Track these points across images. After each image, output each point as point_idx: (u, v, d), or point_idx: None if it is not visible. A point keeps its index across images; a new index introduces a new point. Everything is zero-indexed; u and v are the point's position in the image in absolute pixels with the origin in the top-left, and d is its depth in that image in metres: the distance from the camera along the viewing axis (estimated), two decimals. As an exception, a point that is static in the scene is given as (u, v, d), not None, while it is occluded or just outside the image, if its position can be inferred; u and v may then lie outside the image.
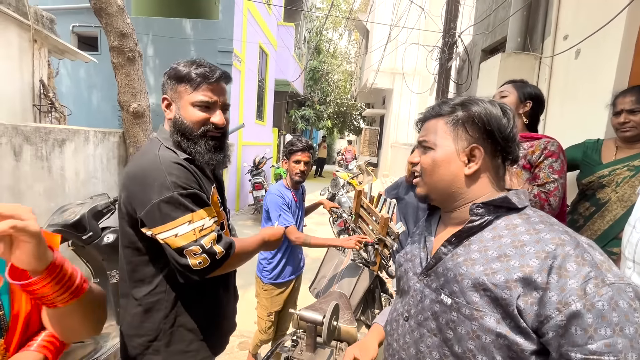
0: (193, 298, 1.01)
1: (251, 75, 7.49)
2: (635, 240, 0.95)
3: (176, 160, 0.92)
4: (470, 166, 0.68)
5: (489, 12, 2.97)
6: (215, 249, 0.89)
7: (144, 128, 3.36)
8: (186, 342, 1.01)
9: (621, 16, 1.62)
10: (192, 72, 0.95)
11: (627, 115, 1.43)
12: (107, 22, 3.04)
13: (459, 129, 0.68)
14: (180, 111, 0.97)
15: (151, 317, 0.98)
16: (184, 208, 0.87)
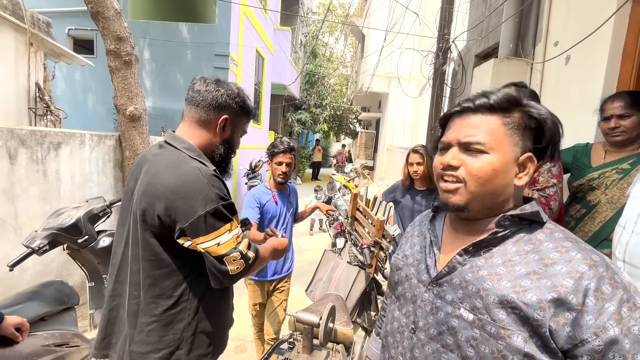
0: (211, 302, 1.05)
1: (247, 79, 7.51)
2: (625, 241, 0.98)
3: (214, 173, 0.98)
4: (521, 177, 0.61)
5: (482, 18, 3.02)
6: (249, 255, 0.98)
7: (140, 131, 3.36)
8: (205, 346, 1.04)
9: (609, 24, 1.67)
10: (252, 109, 1.14)
11: (617, 121, 1.46)
12: (104, 26, 3.05)
13: (519, 132, 0.61)
14: (234, 135, 1.11)
15: (172, 328, 0.98)
16: (226, 218, 0.95)
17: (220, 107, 1.03)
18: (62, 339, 1.65)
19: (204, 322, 1.03)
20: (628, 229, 0.97)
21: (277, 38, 10.01)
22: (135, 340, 0.98)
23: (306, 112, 13.65)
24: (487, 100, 0.61)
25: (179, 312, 0.98)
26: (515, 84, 1.49)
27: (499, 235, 0.62)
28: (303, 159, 13.65)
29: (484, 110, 0.62)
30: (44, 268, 2.68)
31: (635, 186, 1.03)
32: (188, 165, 0.95)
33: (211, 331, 1.04)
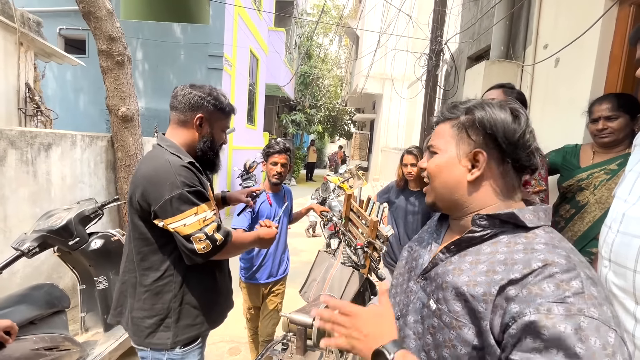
0: (195, 279, 1.19)
1: (242, 79, 7.49)
2: (610, 240, 1.00)
3: (182, 163, 1.11)
4: (473, 172, 0.65)
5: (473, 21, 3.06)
6: (216, 237, 1.09)
7: (132, 132, 3.33)
8: (192, 317, 1.18)
9: (596, 27, 1.70)
10: (227, 105, 1.25)
11: (605, 122, 1.49)
12: (96, 25, 3.02)
13: (462, 133, 0.66)
14: (213, 131, 1.24)
15: (161, 298, 1.15)
16: (191, 203, 1.07)
17: (194, 107, 1.18)
18: (52, 343, 1.63)
19: (189, 296, 1.18)
20: (614, 228, 0.99)
21: (272, 39, 10.01)
22: (134, 308, 1.17)
23: (301, 113, 13.65)
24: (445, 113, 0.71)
25: (165, 284, 1.15)
26: (503, 85, 1.51)
27: (476, 235, 0.63)
28: (298, 159, 13.64)
29: (443, 119, 0.71)
30: (34, 271, 2.64)
31: (620, 186, 1.05)
32: (162, 158, 1.12)
33: (197, 304, 1.19)
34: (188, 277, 1.17)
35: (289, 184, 11.92)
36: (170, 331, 1.15)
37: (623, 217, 0.97)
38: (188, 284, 1.18)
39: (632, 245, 0.92)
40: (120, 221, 3.48)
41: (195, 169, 1.15)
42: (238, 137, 7.35)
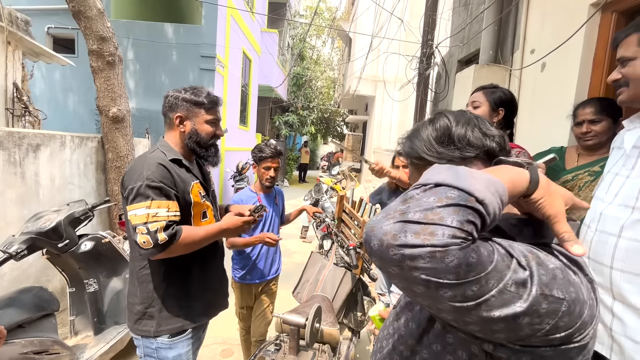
0: (176, 273, 1.24)
1: (234, 80, 7.47)
2: (589, 238, 1.03)
3: (159, 160, 1.17)
4: None
5: (463, 25, 3.12)
6: (159, 236, 1.10)
7: (123, 133, 3.30)
8: (175, 309, 1.24)
9: (580, 33, 1.76)
10: (204, 99, 1.27)
11: (588, 126, 1.53)
12: (86, 25, 2.99)
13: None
14: (196, 126, 1.28)
15: (146, 287, 1.22)
16: (146, 196, 1.11)
17: (171, 108, 1.27)
18: (42, 347, 1.61)
19: (172, 287, 1.24)
20: (592, 227, 1.03)
21: (264, 40, 10.00)
22: (130, 293, 1.28)
23: (293, 114, 13.65)
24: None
25: (148, 274, 1.23)
26: (484, 87, 1.55)
27: None
28: (290, 161, 13.63)
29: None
30: (22, 274, 2.60)
31: (599, 187, 1.09)
32: (144, 155, 1.22)
33: (179, 297, 1.25)
34: (170, 269, 1.22)
35: (281, 185, 11.90)
36: (154, 320, 1.22)
37: (600, 216, 1.01)
38: (170, 276, 1.23)
39: (609, 243, 0.96)
40: (110, 223, 3.44)
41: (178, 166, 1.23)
42: (230, 138, 7.32)
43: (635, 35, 0.93)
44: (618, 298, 0.94)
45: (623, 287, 0.92)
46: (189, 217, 1.26)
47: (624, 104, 1.02)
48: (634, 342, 0.89)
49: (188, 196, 1.24)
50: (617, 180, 1.02)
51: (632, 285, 0.91)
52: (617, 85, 1.00)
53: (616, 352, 0.94)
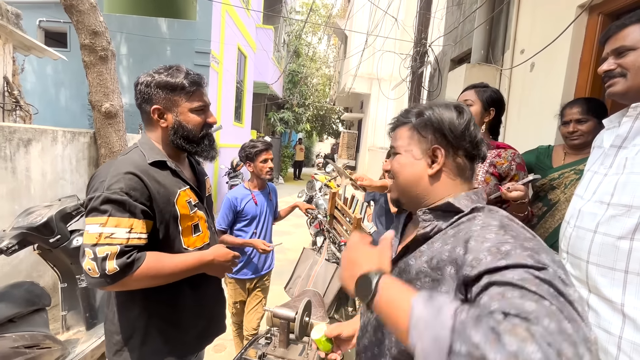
0: (162, 298, 1.03)
1: (229, 77, 7.44)
2: (568, 234, 1.07)
3: (128, 168, 0.95)
4: (433, 167, 0.71)
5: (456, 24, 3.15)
6: (107, 264, 0.87)
7: (116, 129, 3.28)
8: (159, 342, 1.03)
9: (568, 34, 1.79)
10: (184, 81, 1.02)
11: (575, 125, 1.57)
12: (78, 19, 2.96)
13: (418, 133, 0.72)
14: (179, 118, 1.04)
15: (125, 315, 1.02)
16: (102, 211, 0.89)
17: (145, 100, 1.03)
18: (33, 341, 1.61)
19: (156, 318, 1.03)
20: (571, 223, 1.07)
21: (260, 36, 9.96)
22: (107, 319, 1.07)
23: (289, 111, 13.63)
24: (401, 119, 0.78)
25: (127, 299, 1.02)
26: (475, 86, 1.58)
27: (427, 230, 0.69)
28: (286, 158, 13.62)
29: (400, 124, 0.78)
30: (13, 269, 2.59)
31: (580, 185, 1.12)
32: (119, 157, 1.03)
33: (165, 329, 1.04)
34: (154, 292, 1.00)
35: (276, 182, 11.90)
36: (135, 353, 1.02)
37: (579, 212, 1.05)
38: (155, 301, 1.03)
39: (586, 238, 0.99)
40: (103, 219, 3.42)
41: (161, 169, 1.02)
42: (225, 135, 7.30)
43: (636, 26, 0.93)
44: (593, 291, 0.98)
45: (598, 280, 0.96)
46: (176, 233, 1.03)
47: (616, 95, 0.99)
48: (607, 332, 0.93)
49: (173, 208, 1.01)
50: (595, 178, 1.05)
51: (606, 278, 0.94)
52: (609, 76, 0.99)
53: (592, 343, 0.97)
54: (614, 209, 0.94)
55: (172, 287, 1.02)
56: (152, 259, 0.94)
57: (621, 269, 0.91)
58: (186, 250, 1.05)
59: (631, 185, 0.92)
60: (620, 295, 0.91)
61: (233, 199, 2.06)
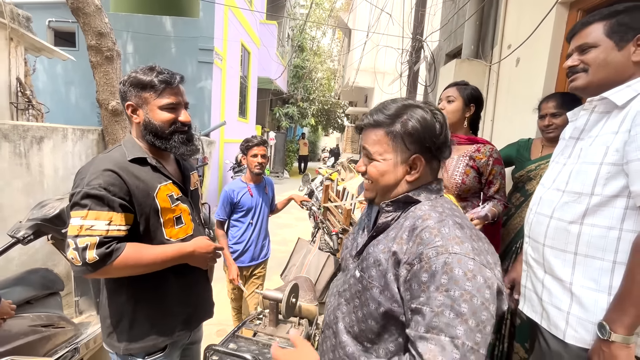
0: (149, 285, 1.09)
1: (233, 73, 7.55)
2: (530, 220, 1.16)
3: (107, 165, 1.00)
4: (412, 174, 0.75)
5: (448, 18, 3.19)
6: (87, 254, 0.93)
7: (123, 126, 3.44)
8: (146, 327, 1.10)
9: (549, 30, 1.85)
10: (154, 79, 1.07)
11: (550, 119, 1.64)
12: (85, 21, 3.10)
13: (399, 142, 0.73)
14: (149, 114, 1.09)
15: (114, 300, 1.10)
16: (82, 205, 0.96)
17: (122, 98, 1.11)
18: (48, 321, 1.77)
19: (143, 304, 1.10)
20: (533, 210, 1.15)
21: (263, 32, 10.02)
22: (101, 304, 1.15)
23: (293, 106, 13.71)
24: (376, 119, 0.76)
25: (117, 285, 1.09)
26: (457, 83, 1.67)
27: (389, 219, 0.76)
28: (291, 153, 13.74)
29: (375, 125, 0.77)
30: (29, 258, 2.77)
31: (545, 175, 1.20)
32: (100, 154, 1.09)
33: (152, 314, 1.11)
34: (141, 279, 1.06)
35: (281, 176, 12.04)
36: (124, 337, 1.09)
37: (540, 200, 1.13)
38: (142, 288, 1.09)
39: (543, 223, 1.08)
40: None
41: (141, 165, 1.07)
42: (230, 130, 7.44)
43: (599, 24, 0.99)
44: (548, 271, 1.07)
45: (552, 261, 1.05)
46: (157, 225, 1.08)
47: (578, 90, 1.06)
48: (557, 309, 1.02)
49: (153, 201, 1.06)
50: (555, 168, 1.14)
51: (558, 259, 1.03)
52: (573, 71, 1.05)
53: (545, 319, 1.07)
54: (567, 195, 1.03)
55: (158, 275, 1.08)
56: (131, 249, 1.00)
57: (571, 251, 1.00)
58: (168, 241, 1.11)
59: (582, 174, 1.00)
60: (570, 275, 1.00)
61: (230, 191, 2.19)
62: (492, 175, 1.61)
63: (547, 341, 1.05)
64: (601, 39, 0.98)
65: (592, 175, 0.97)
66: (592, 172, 0.97)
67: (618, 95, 0.95)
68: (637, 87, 0.93)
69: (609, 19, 0.98)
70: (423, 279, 0.62)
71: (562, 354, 1.00)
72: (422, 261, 0.63)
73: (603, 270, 0.94)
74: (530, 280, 1.15)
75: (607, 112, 1.00)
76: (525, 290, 1.19)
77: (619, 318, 0.86)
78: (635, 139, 0.87)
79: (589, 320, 0.94)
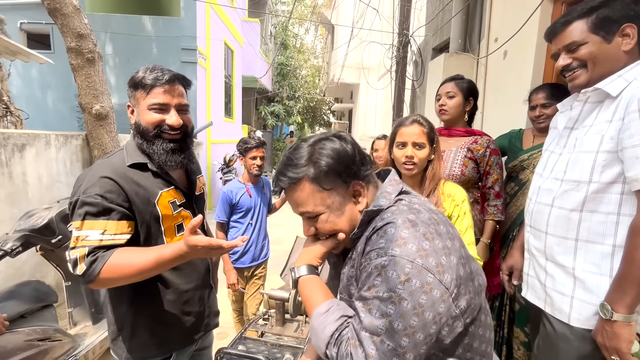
0: (148, 295, 1.06)
1: (217, 72, 7.43)
2: (531, 210, 1.19)
3: (104, 172, 0.96)
4: (360, 201, 0.73)
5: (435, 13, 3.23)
6: (77, 265, 0.90)
7: (108, 130, 3.34)
8: (147, 335, 1.07)
9: (535, 23, 1.90)
10: (144, 77, 1.01)
11: (541, 109, 1.69)
12: (63, 22, 2.98)
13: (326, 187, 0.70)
14: (139, 116, 1.03)
15: (116, 307, 1.08)
16: (78, 215, 0.93)
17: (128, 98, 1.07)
18: (44, 334, 1.71)
19: (144, 312, 1.06)
20: (533, 199, 1.19)
21: (246, 30, 9.89)
22: (108, 308, 1.11)
23: (279, 104, 13.61)
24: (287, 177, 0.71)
25: (120, 294, 1.06)
26: (454, 78, 1.69)
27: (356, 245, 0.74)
28: (278, 151, 13.66)
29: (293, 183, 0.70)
30: (16, 272, 2.67)
31: (539, 164, 1.24)
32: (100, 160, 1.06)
33: (153, 323, 1.07)
34: (141, 289, 1.03)
35: (270, 175, 11.96)
36: (126, 345, 1.07)
37: (539, 189, 1.17)
38: (141, 298, 1.06)
39: (544, 212, 1.12)
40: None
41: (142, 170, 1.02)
42: (216, 131, 7.33)
43: (580, 21, 1.02)
44: (550, 259, 1.11)
45: (554, 249, 1.09)
46: (158, 234, 1.04)
47: (581, 87, 1.06)
48: (561, 294, 1.06)
49: (154, 208, 1.02)
50: (552, 158, 1.17)
51: (560, 247, 1.07)
52: (569, 69, 1.06)
53: (549, 304, 1.11)
54: (567, 184, 1.06)
55: (156, 285, 1.05)
56: (119, 255, 0.93)
57: (572, 237, 1.04)
58: None
59: (580, 163, 1.03)
60: (572, 260, 1.04)
61: (229, 192, 2.17)
62: (489, 166, 1.65)
63: (552, 325, 1.08)
64: (587, 36, 1.01)
65: (589, 163, 1.00)
66: (588, 160, 1.01)
67: (612, 85, 0.98)
68: (627, 77, 0.97)
69: (588, 16, 1.00)
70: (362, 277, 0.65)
71: (568, 336, 1.04)
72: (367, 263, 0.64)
73: (604, 254, 0.98)
74: (533, 268, 1.19)
75: (599, 102, 1.04)
76: (527, 278, 1.22)
77: (619, 298, 0.90)
78: (629, 126, 0.91)
79: (592, 302, 0.98)
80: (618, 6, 0.98)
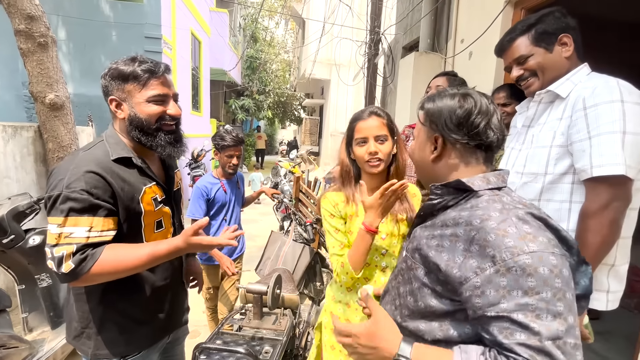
0: (117, 293, 1.03)
1: (183, 63, 7.12)
2: None
3: (89, 166, 0.92)
4: (434, 152, 0.77)
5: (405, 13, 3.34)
6: (63, 265, 0.88)
7: (64, 121, 3.09)
8: (114, 333, 1.05)
9: (497, 26, 2.03)
10: (137, 69, 0.98)
11: (501, 108, 1.82)
12: (9, 2, 2.71)
13: (423, 124, 0.80)
14: (134, 108, 1.00)
15: (81, 306, 1.04)
16: (60, 211, 0.89)
17: (105, 93, 1.03)
18: (-2, 342, 1.58)
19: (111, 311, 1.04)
20: None
21: (214, 21, 9.55)
22: (69, 303, 1.08)
23: (249, 98, 13.33)
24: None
25: (89, 290, 1.02)
26: (447, 73, 1.78)
27: (435, 202, 0.74)
28: (248, 146, 13.42)
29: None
30: (-42, 276, 2.42)
31: (502, 160, 1.35)
32: (79, 150, 1.02)
33: (121, 321, 1.05)
34: (109, 287, 1.00)
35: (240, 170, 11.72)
36: (91, 341, 1.03)
37: None
38: (109, 297, 1.03)
39: None
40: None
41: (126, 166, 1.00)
42: (183, 125, 7.03)
43: (523, 37, 1.16)
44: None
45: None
46: (138, 229, 1.03)
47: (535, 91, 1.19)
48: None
49: (137, 205, 1.00)
50: (512, 153, 1.28)
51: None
52: (522, 79, 1.20)
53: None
54: (526, 177, 1.17)
55: (128, 283, 1.02)
56: (110, 253, 0.92)
57: (532, 225, 1.14)
58: None
59: (537, 157, 1.14)
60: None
61: (203, 187, 2.09)
62: None
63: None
64: (532, 49, 1.15)
65: (544, 157, 1.11)
66: (544, 154, 1.12)
67: (561, 88, 1.12)
68: (574, 79, 1.11)
69: (528, 31, 1.15)
70: (502, 283, 0.57)
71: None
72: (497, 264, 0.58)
73: (559, 238, 1.09)
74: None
75: (551, 102, 1.17)
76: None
77: None
78: (576, 123, 1.03)
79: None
80: (551, 20, 1.13)
